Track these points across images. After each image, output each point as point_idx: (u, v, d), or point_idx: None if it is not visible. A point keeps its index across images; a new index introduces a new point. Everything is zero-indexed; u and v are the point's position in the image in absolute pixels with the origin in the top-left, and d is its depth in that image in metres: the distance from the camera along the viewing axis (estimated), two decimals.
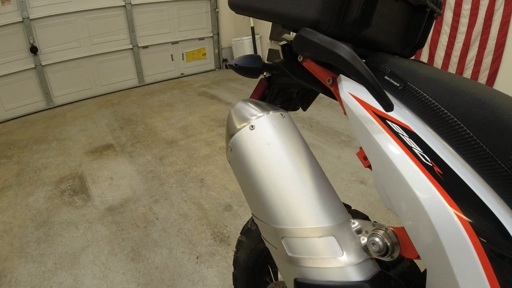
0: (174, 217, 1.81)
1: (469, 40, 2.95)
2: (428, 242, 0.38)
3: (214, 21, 4.93)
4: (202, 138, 2.79)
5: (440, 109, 0.42)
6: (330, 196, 0.49)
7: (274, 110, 0.54)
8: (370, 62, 0.53)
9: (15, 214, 1.89)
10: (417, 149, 0.41)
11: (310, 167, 0.50)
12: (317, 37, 0.44)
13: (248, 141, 0.51)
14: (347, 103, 0.46)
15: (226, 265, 1.48)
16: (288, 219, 0.47)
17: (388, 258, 0.45)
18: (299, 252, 0.46)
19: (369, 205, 1.88)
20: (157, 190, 2.07)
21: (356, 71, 0.40)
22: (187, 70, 4.92)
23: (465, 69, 3.06)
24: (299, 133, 0.54)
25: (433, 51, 3.21)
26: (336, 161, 2.36)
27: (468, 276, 0.34)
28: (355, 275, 0.44)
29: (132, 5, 4.05)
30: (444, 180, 0.38)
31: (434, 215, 0.37)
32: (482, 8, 2.80)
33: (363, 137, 0.44)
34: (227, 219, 1.78)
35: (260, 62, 0.62)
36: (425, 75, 0.46)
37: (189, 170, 2.29)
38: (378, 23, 0.51)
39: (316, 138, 2.74)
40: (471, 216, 0.35)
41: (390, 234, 0.45)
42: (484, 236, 0.34)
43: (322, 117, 3.18)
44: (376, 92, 0.40)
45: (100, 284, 1.40)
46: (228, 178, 2.17)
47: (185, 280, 1.41)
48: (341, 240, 0.45)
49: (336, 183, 2.09)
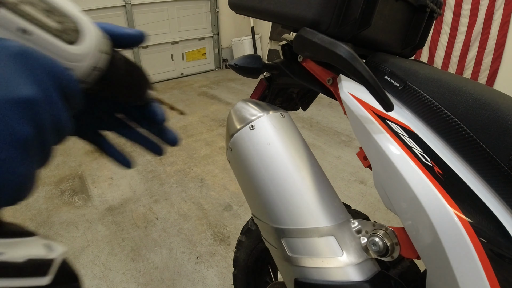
0: (174, 217, 1.81)
1: (469, 40, 2.95)
2: (428, 242, 0.38)
3: (214, 21, 4.93)
4: (202, 138, 2.79)
5: (440, 109, 0.42)
6: (330, 196, 0.49)
7: (274, 110, 0.54)
8: (370, 62, 0.53)
9: (15, 214, 1.89)
10: (417, 149, 0.41)
11: (310, 167, 0.50)
12: (317, 37, 0.44)
13: (248, 141, 0.51)
14: (347, 103, 0.46)
15: (226, 265, 1.48)
16: (288, 219, 0.47)
17: (388, 258, 0.45)
18: (299, 252, 0.46)
19: (369, 205, 1.88)
20: (157, 190, 2.07)
21: (356, 71, 0.40)
22: (187, 70, 4.92)
23: (465, 69, 3.06)
24: (299, 133, 0.54)
25: (433, 51, 3.21)
26: (336, 161, 2.36)
27: (468, 276, 0.34)
28: (355, 275, 0.44)
29: (132, 5, 4.05)
30: (444, 180, 0.38)
31: (434, 215, 0.37)
32: (482, 8, 2.80)
33: (363, 137, 0.44)
34: (227, 219, 1.78)
35: (260, 62, 0.62)
36: (425, 75, 0.46)
37: (189, 170, 2.29)
38: (378, 23, 0.51)
39: (316, 138, 2.74)
40: (471, 216, 0.35)
41: (390, 234, 0.45)
42: (484, 236, 0.34)
43: (322, 117, 3.18)
44: (376, 92, 0.40)
45: (100, 284, 1.40)
46: (228, 178, 2.17)
47: (185, 280, 1.41)
48: (341, 240, 0.45)
49: (336, 183, 2.09)
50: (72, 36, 0.21)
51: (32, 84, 0.17)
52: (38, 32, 0.19)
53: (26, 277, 0.18)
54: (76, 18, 0.21)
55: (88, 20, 0.22)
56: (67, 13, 0.21)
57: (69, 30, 0.21)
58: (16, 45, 0.18)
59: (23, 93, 0.17)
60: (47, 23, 0.20)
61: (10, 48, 0.17)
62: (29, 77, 0.17)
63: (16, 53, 0.17)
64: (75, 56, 0.21)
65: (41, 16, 0.20)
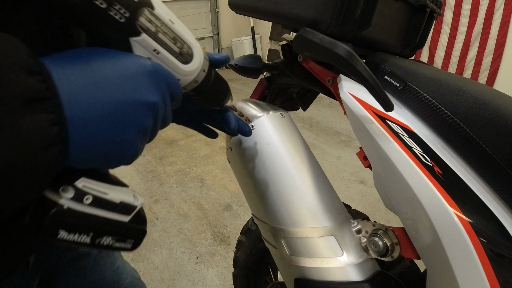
0: (174, 217, 1.82)
1: (469, 40, 2.95)
2: (428, 242, 0.38)
3: (214, 21, 4.94)
4: (202, 138, 2.79)
5: (440, 109, 0.42)
6: (330, 196, 0.49)
7: (274, 110, 0.54)
8: (370, 62, 0.53)
9: None
10: (417, 149, 0.41)
11: (310, 167, 0.50)
12: (317, 37, 0.44)
13: (248, 141, 0.51)
14: (347, 103, 0.46)
15: (226, 265, 1.48)
16: (288, 219, 0.47)
17: (388, 258, 0.45)
18: (299, 252, 0.46)
19: (369, 205, 1.88)
20: (157, 190, 2.07)
21: (356, 71, 0.40)
22: None
23: (465, 69, 3.06)
24: (299, 133, 0.54)
25: (433, 51, 3.21)
26: (336, 161, 2.36)
27: (468, 276, 0.34)
28: (355, 275, 0.44)
29: None
30: (444, 180, 0.38)
31: (434, 215, 0.37)
32: (482, 8, 2.80)
33: (363, 137, 0.44)
34: (227, 219, 1.78)
35: (260, 62, 0.62)
36: (425, 75, 0.46)
37: (189, 170, 2.29)
38: (378, 23, 0.51)
39: (316, 138, 2.74)
40: (471, 216, 0.35)
41: (390, 234, 0.45)
42: (484, 236, 0.34)
43: (322, 117, 3.18)
44: (376, 92, 0.40)
45: None
46: (228, 178, 2.17)
47: (185, 280, 1.41)
48: (341, 240, 0.45)
49: (336, 183, 2.09)
50: (187, 58, 0.29)
51: (157, 93, 0.26)
52: (165, 53, 0.27)
53: (116, 212, 0.26)
54: (191, 45, 0.30)
55: (199, 46, 0.31)
56: (186, 41, 0.29)
57: (185, 54, 0.29)
58: (150, 63, 0.26)
59: (151, 99, 0.25)
60: (172, 47, 0.28)
61: (146, 65, 0.25)
62: (156, 88, 0.26)
63: (150, 70, 0.25)
64: (185, 72, 0.30)
65: (169, 42, 0.28)
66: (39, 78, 0.19)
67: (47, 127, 0.19)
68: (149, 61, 0.26)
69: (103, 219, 0.24)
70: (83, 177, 0.24)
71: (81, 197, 0.23)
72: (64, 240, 0.22)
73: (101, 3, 0.23)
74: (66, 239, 0.22)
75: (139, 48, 0.26)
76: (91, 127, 0.22)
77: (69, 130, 0.20)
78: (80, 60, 0.23)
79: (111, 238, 0.25)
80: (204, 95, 0.35)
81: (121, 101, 0.23)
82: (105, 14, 0.23)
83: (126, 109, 0.24)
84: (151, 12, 0.26)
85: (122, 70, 0.24)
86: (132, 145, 0.25)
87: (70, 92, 0.21)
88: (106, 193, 0.25)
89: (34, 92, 0.19)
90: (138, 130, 0.25)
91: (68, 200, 0.22)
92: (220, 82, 0.37)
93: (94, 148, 0.22)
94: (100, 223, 0.24)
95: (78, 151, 0.21)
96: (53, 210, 0.21)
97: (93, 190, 0.24)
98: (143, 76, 0.25)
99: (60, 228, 0.22)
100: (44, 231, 0.21)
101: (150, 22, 0.26)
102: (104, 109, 0.22)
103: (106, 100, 0.22)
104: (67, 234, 0.22)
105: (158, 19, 0.26)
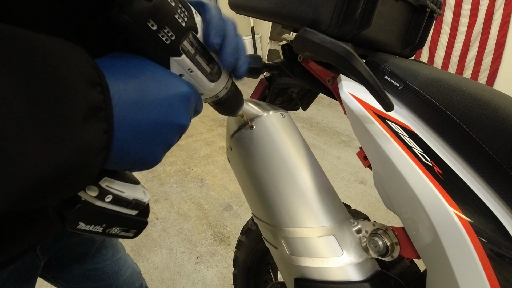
0: (174, 217, 1.82)
1: (469, 40, 2.95)
2: (428, 242, 0.38)
3: None
4: (202, 138, 2.79)
5: (440, 109, 0.42)
6: (330, 196, 0.49)
7: (274, 110, 0.54)
8: (370, 62, 0.53)
9: None
10: (417, 149, 0.41)
11: (310, 167, 0.50)
12: (317, 37, 0.44)
13: (248, 141, 0.51)
14: (347, 103, 0.46)
15: (226, 265, 1.48)
16: (288, 219, 0.47)
17: (388, 258, 0.45)
18: (299, 251, 0.46)
19: (369, 205, 1.88)
20: (157, 190, 2.07)
21: (356, 71, 0.40)
22: None
23: (465, 69, 3.06)
24: (299, 133, 0.54)
25: (433, 51, 3.21)
26: (336, 161, 2.37)
27: (468, 276, 0.34)
28: (355, 275, 0.44)
29: None
30: (444, 180, 0.38)
31: (434, 215, 0.37)
32: (482, 8, 2.80)
33: (363, 137, 0.44)
34: (227, 219, 1.78)
35: (260, 62, 0.61)
36: (425, 75, 0.46)
37: (189, 170, 2.29)
38: (378, 23, 0.51)
39: (316, 138, 2.74)
40: (471, 216, 0.36)
41: (390, 234, 0.45)
42: (484, 236, 0.34)
43: (322, 117, 3.19)
44: (376, 92, 0.40)
45: None
46: (228, 178, 2.17)
47: (185, 280, 1.41)
48: (341, 240, 0.45)
49: (336, 183, 2.09)
50: (215, 77, 0.32)
51: (188, 116, 0.29)
52: (197, 73, 0.30)
53: (129, 208, 0.29)
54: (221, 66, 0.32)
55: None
56: (218, 63, 0.32)
57: (214, 73, 0.32)
58: (189, 90, 0.29)
59: (183, 122, 0.28)
60: (205, 68, 0.31)
61: (185, 92, 0.28)
62: (188, 112, 0.29)
63: (187, 96, 0.29)
64: (210, 89, 0.33)
65: (204, 64, 0.30)
66: (99, 89, 0.22)
67: (101, 134, 0.22)
68: (187, 86, 0.29)
69: (117, 213, 0.28)
70: (106, 177, 0.26)
71: (103, 196, 0.26)
72: (81, 229, 0.25)
73: (153, 25, 0.25)
74: (83, 229, 0.25)
75: (176, 67, 0.28)
76: (130, 141, 0.24)
77: (114, 139, 0.23)
78: (132, 72, 0.25)
79: (119, 229, 0.29)
80: (220, 106, 0.38)
81: (159, 122, 0.26)
82: (154, 35, 0.25)
83: (161, 130, 0.27)
84: (195, 36, 0.28)
85: (165, 93, 0.27)
86: (157, 158, 0.28)
87: (120, 106, 0.23)
88: (123, 192, 0.28)
89: (95, 103, 0.21)
90: (167, 147, 0.28)
91: (92, 198, 0.25)
92: (237, 94, 0.39)
93: (127, 157, 0.25)
94: (114, 217, 0.28)
95: (115, 157, 0.24)
96: (78, 205, 0.24)
97: (113, 189, 0.27)
98: (181, 101, 0.28)
99: (80, 220, 0.25)
100: (68, 223, 0.24)
101: (191, 45, 0.28)
102: (143, 127, 0.25)
103: (147, 121, 0.25)
104: (85, 225, 0.25)
105: (200, 42, 0.29)
